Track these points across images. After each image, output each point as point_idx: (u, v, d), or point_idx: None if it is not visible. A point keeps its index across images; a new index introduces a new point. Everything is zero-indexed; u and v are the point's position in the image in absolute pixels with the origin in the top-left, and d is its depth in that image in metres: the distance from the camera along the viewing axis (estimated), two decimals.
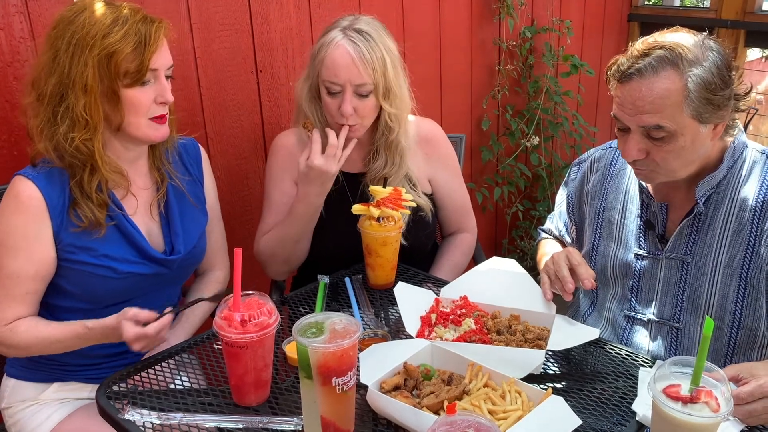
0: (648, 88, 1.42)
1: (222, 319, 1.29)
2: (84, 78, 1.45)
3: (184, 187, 1.73)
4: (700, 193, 1.54)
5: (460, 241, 2.15)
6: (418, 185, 1.99)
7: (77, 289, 1.58)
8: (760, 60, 5.20)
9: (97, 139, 1.50)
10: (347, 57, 1.76)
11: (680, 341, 1.62)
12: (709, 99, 1.42)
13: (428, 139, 2.04)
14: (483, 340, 1.48)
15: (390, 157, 1.92)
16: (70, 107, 1.47)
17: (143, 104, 1.51)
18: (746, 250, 1.52)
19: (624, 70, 1.46)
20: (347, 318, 1.21)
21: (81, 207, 1.52)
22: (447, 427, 0.97)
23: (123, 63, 1.46)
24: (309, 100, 1.88)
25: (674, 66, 1.41)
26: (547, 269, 1.61)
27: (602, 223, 1.74)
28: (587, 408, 1.31)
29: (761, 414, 1.23)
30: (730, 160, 1.55)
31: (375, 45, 1.79)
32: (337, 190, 1.91)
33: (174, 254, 1.66)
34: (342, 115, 1.79)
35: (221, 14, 2.19)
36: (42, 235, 1.51)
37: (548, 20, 3.27)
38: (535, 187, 3.48)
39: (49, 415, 1.65)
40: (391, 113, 1.86)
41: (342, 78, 1.77)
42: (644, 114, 1.43)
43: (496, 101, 3.24)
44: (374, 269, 1.79)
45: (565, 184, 1.90)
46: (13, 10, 1.79)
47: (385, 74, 1.80)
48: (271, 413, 1.33)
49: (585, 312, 1.81)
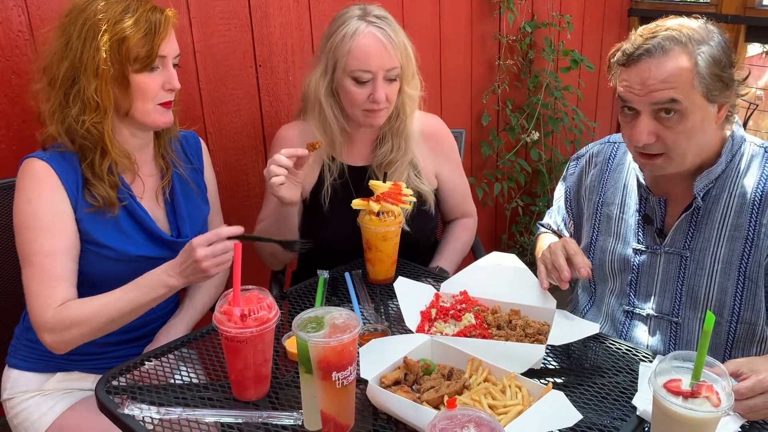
0: (658, 67, 1.41)
1: (222, 313, 1.29)
2: (96, 62, 1.49)
3: (187, 176, 1.76)
4: (699, 188, 1.54)
5: (465, 224, 2.20)
6: (423, 175, 2.00)
7: (89, 270, 1.59)
8: (760, 55, 5.20)
9: (107, 123, 1.54)
10: (378, 43, 1.78)
11: (679, 336, 1.62)
12: (719, 76, 1.43)
13: (433, 133, 2.05)
14: (483, 335, 1.48)
15: (396, 142, 1.93)
16: (82, 90, 1.51)
17: (151, 89, 1.56)
18: (745, 245, 1.52)
19: (631, 53, 1.44)
20: (347, 313, 1.21)
21: (95, 186, 1.56)
22: (447, 422, 0.97)
23: (134, 48, 1.50)
24: (328, 95, 1.87)
25: (683, 45, 1.42)
26: (544, 259, 1.60)
27: (601, 218, 1.74)
28: (587, 403, 1.31)
29: (761, 409, 1.23)
30: (729, 154, 1.54)
31: (396, 27, 1.83)
32: (342, 183, 1.91)
33: (182, 237, 1.68)
34: (375, 101, 1.80)
35: (220, 8, 2.18)
36: (66, 210, 1.54)
37: (548, 15, 3.26)
38: (534, 182, 3.47)
39: (52, 406, 1.64)
40: (411, 95, 1.90)
41: (374, 65, 1.78)
42: (656, 92, 1.42)
43: (496, 96, 3.23)
44: (374, 264, 1.79)
45: (563, 179, 1.90)
46: (12, 4, 1.78)
47: (408, 56, 1.85)
48: (271, 408, 1.33)
49: (584, 307, 1.80)
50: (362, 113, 1.84)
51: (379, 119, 1.86)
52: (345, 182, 1.94)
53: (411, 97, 1.91)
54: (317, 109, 1.89)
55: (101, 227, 1.57)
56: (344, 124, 1.91)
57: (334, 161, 1.94)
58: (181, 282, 1.50)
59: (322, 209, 1.92)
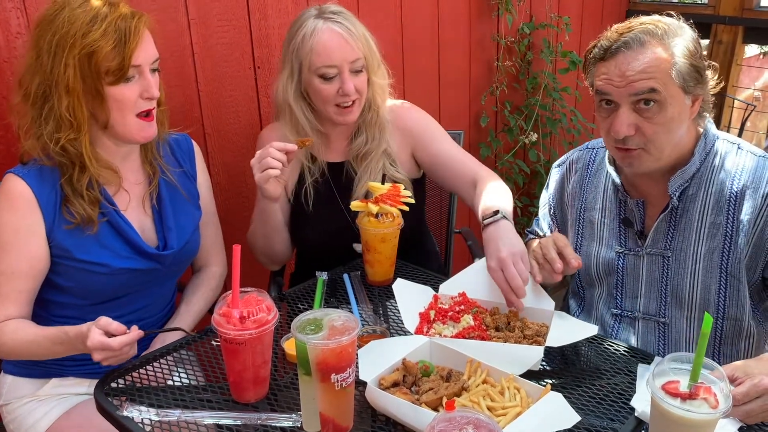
0: (635, 58, 1.44)
1: (220, 315, 1.29)
2: (66, 79, 1.44)
3: (176, 181, 1.72)
4: (674, 187, 1.55)
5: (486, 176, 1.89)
6: (398, 163, 1.97)
7: (72, 284, 1.58)
8: (758, 57, 5.20)
9: (83, 139, 1.49)
10: (337, 37, 1.79)
11: (667, 336, 1.63)
12: (695, 66, 1.46)
13: (396, 113, 1.99)
14: (482, 336, 1.48)
15: (371, 133, 1.94)
16: (54, 108, 1.46)
17: (128, 101, 1.50)
18: (724, 242, 1.53)
19: (608, 47, 1.47)
20: (346, 314, 1.21)
21: (73, 204, 1.52)
22: (446, 424, 0.97)
23: (103, 62, 1.44)
24: (297, 98, 1.88)
25: (658, 38, 1.45)
26: (536, 254, 1.61)
27: (584, 224, 1.75)
28: (586, 404, 1.31)
29: (759, 413, 1.23)
30: (702, 152, 1.55)
31: (354, 21, 1.85)
32: (322, 181, 1.92)
33: (167, 249, 1.65)
34: (345, 94, 1.81)
35: (219, 9, 2.18)
36: (34, 232, 1.50)
37: (546, 16, 3.26)
38: (533, 183, 3.48)
39: (47, 411, 1.64)
40: (379, 84, 1.91)
41: (337, 59, 1.79)
42: (636, 82, 1.44)
43: (494, 97, 3.23)
44: (373, 266, 1.79)
45: (546, 187, 1.91)
46: (10, 6, 1.78)
47: (370, 47, 1.86)
48: (269, 410, 1.33)
49: (574, 313, 1.81)
50: (335, 110, 1.85)
51: (353, 115, 1.86)
52: (326, 180, 1.95)
53: (380, 87, 1.92)
54: (288, 113, 1.90)
55: (81, 243, 1.54)
56: (317, 125, 1.92)
57: (315, 161, 1.95)
58: None
59: (305, 209, 1.93)
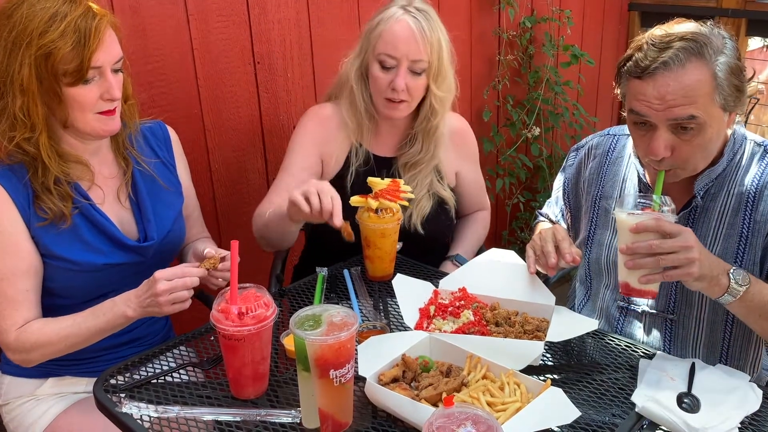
0: (677, 80, 1.36)
1: (219, 311, 1.29)
2: (21, 78, 1.39)
3: (152, 171, 1.69)
4: (699, 187, 1.53)
5: (481, 217, 2.25)
6: (446, 178, 2.03)
7: (55, 284, 1.56)
8: (761, 49, 5.17)
9: (41, 138, 1.45)
10: (408, 31, 1.79)
11: (675, 332, 1.61)
12: (737, 86, 1.40)
13: (458, 132, 2.08)
14: (482, 331, 1.47)
15: (426, 143, 1.95)
16: (8, 107, 1.42)
17: (88, 102, 1.45)
18: (739, 243, 1.51)
19: (646, 66, 1.39)
20: (345, 310, 1.21)
21: (43, 200, 1.49)
22: (444, 420, 0.97)
23: (61, 63, 1.39)
24: (357, 78, 1.90)
25: (700, 56, 1.37)
26: (534, 244, 1.60)
27: (599, 212, 1.73)
28: (586, 399, 1.31)
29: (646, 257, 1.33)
30: (730, 153, 1.53)
31: (435, 24, 1.84)
32: (366, 171, 1.92)
33: (147, 241, 1.63)
34: (394, 89, 1.82)
35: (218, 4, 2.17)
36: (19, 230, 1.48)
37: (548, 10, 3.25)
38: (535, 178, 3.47)
39: (46, 410, 1.64)
40: (438, 96, 1.89)
41: (400, 51, 1.79)
42: (676, 107, 1.37)
43: (496, 92, 3.22)
44: (373, 261, 1.78)
45: (562, 170, 1.89)
46: None
47: (440, 55, 1.84)
48: (269, 406, 1.32)
49: (580, 302, 1.80)
50: (383, 102, 1.87)
51: (399, 112, 1.87)
52: (370, 169, 1.96)
53: (440, 99, 1.90)
54: (347, 91, 1.92)
55: (58, 240, 1.51)
56: (372, 110, 1.93)
57: (361, 147, 1.97)
58: (138, 314, 1.44)
59: (345, 192, 1.90)
